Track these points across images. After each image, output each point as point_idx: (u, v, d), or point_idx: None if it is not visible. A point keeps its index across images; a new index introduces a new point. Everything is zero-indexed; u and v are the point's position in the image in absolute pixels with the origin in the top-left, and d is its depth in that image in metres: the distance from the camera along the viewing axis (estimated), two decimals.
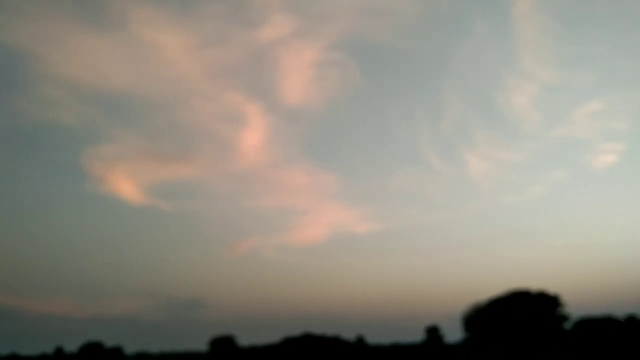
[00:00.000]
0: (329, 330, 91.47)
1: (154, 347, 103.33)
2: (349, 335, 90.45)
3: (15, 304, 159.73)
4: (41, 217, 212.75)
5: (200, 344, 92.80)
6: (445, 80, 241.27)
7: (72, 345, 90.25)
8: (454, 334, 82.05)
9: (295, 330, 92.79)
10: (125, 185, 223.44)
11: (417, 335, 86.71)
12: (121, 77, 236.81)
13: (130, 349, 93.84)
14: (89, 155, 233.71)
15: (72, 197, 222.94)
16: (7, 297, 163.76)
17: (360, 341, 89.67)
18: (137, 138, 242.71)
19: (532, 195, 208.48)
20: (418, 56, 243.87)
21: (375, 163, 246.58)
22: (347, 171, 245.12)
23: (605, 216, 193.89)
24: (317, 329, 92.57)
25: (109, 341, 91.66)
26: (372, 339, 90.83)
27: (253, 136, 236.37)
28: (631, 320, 68.17)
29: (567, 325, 68.93)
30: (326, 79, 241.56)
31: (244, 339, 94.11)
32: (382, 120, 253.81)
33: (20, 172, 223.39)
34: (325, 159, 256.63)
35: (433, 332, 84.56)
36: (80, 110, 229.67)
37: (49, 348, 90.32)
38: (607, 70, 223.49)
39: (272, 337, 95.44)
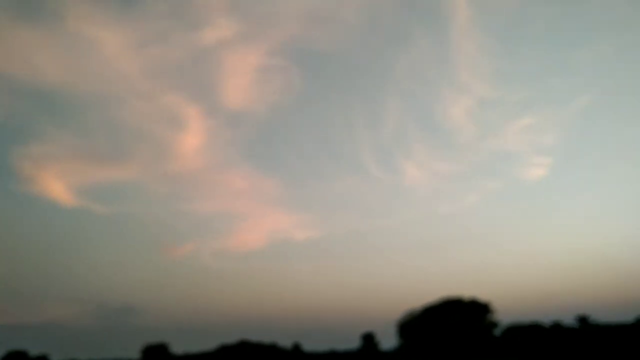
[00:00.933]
0: (266, 338, 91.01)
1: (83, 356, 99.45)
2: (286, 342, 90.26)
3: None
4: None
5: (132, 352, 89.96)
6: (386, 89, 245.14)
7: None
8: (389, 340, 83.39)
9: (232, 338, 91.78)
10: (56, 185, 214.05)
11: (353, 342, 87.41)
12: (55, 73, 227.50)
13: (56, 357, 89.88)
14: (18, 153, 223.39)
15: (3, 197, 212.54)
16: None
17: (296, 348, 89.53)
18: (70, 137, 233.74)
19: (466, 204, 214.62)
20: (360, 65, 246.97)
21: (316, 169, 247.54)
22: (288, 177, 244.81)
23: (535, 225, 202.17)
24: (254, 336, 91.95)
25: (34, 349, 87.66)
26: (308, 346, 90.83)
27: (192, 139, 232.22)
28: (556, 327, 71.23)
29: (497, 332, 71.35)
30: (268, 84, 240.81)
31: (178, 347, 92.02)
32: (323, 127, 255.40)
33: None
34: (265, 164, 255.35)
35: (368, 339, 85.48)
36: (9, 105, 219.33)
37: None
38: (538, 87, 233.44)
39: (208, 344, 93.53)
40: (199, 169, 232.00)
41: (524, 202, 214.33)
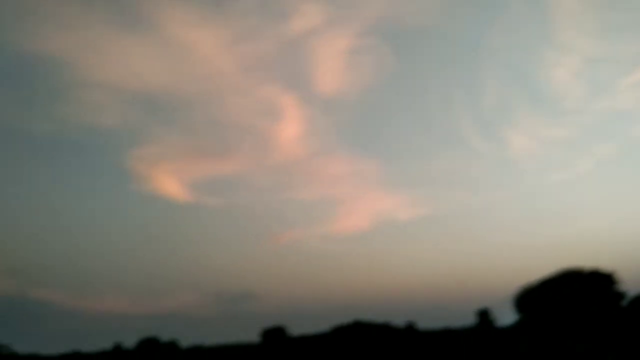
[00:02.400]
0: (379, 318, 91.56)
1: (208, 340, 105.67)
2: (399, 321, 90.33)
3: (75, 305, 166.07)
4: (90, 219, 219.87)
5: (252, 336, 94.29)
6: (482, 58, 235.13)
7: (129, 341, 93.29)
8: (505, 316, 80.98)
9: (345, 319, 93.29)
10: (170, 183, 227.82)
11: (468, 319, 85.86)
12: (157, 78, 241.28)
13: (184, 342, 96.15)
14: (133, 156, 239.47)
15: (119, 198, 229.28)
16: (67, 298, 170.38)
17: (410, 327, 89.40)
18: (177, 137, 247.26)
19: (579, 171, 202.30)
20: (453, 36, 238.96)
21: (415, 147, 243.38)
22: (387, 157, 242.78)
23: None
24: (367, 316, 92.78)
25: (164, 336, 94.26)
26: (422, 324, 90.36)
27: (290, 128, 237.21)
28: None
29: (624, 303, 67.03)
30: (361, 66, 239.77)
31: (295, 329, 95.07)
32: (420, 103, 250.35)
33: (67, 176, 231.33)
34: (364, 146, 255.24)
35: (484, 315, 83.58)
36: (121, 113, 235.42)
37: (108, 344, 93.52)
38: None
39: (322, 326, 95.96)
40: (299, 157, 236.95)
41: None
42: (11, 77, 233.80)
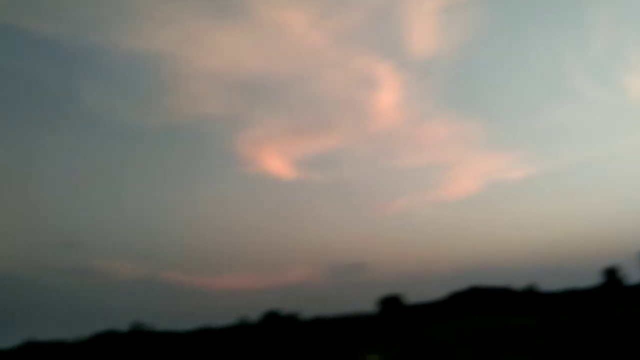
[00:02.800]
0: (497, 282, 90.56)
1: (327, 311, 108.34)
2: (519, 284, 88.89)
3: (200, 284, 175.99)
4: (205, 204, 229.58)
5: (368, 305, 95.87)
6: None
7: (253, 315, 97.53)
8: (635, 274, 77.99)
9: (461, 284, 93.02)
10: (275, 163, 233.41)
11: (593, 279, 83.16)
12: (254, 62, 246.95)
13: (305, 314, 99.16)
14: (238, 140, 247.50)
15: (230, 181, 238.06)
16: (194, 278, 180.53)
17: (530, 290, 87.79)
18: (278, 117, 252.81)
19: None
20: None
21: (521, 103, 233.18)
22: (492, 116, 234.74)
23: None
24: (484, 281, 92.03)
25: (286, 308, 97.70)
26: (543, 286, 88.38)
27: (388, 96, 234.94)
28: None
29: None
30: (455, 24, 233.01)
31: (411, 297, 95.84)
32: (521, 56, 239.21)
33: (179, 165, 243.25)
34: (465, 107, 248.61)
35: (611, 274, 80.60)
36: (224, 100, 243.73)
37: (234, 319, 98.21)
38: None
39: (438, 292, 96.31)
40: (400, 125, 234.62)
41: None
42: (122, 75, 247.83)
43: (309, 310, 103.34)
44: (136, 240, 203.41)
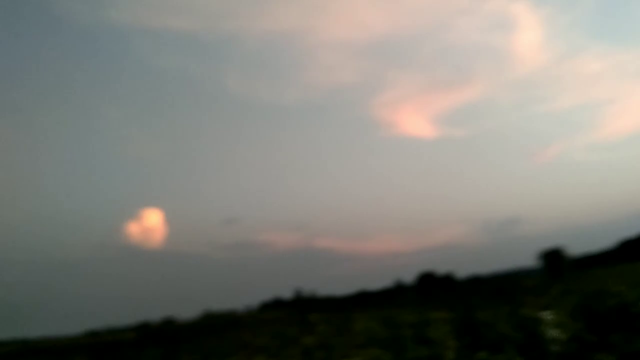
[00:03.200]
0: None
1: (483, 270, 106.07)
2: None
3: (355, 248, 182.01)
4: (350, 171, 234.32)
5: (527, 260, 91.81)
6: None
7: (408, 277, 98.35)
8: None
9: (630, 231, 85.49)
10: (414, 123, 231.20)
11: None
12: (382, 22, 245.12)
13: (460, 274, 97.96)
14: (375, 104, 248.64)
15: (371, 146, 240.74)
16: (347, 243, 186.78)
17: None
18: (413, 75, 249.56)
19: None
20: None
21: None
22: None
23: None
24: None
25: (440, 269, 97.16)
26: None
27: (528, 36, 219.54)
28: None
29: None
30: None
31: (574, 248, 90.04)
32: None
33: (320, 135, 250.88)
34: (616, 37, 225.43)
35: None
36: (357, 67, 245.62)
37: (389, 282, 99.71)
38: None
39: (603, 242, 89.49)
40: (544, 65, 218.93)
41: None
42: (259, 57, 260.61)
43: (464, 269, 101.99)
44: (290, 212, 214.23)
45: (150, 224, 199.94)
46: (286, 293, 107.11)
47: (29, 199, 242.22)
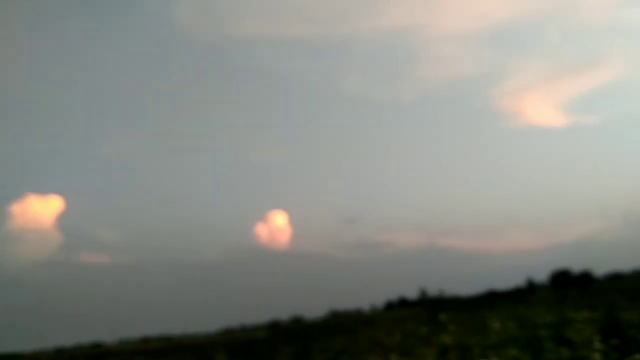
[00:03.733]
0: None
1: (624, 267, 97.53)
2: None
3: (481, 246, 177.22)
4: (472, 166, 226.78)
5: None
6: None
7: (540, 276, 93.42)
8: None
9: None
10: (541, 111, 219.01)
11: None
12: (500, 9, 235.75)
13: (598, 271, 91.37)
14: (496, 95, 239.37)
15: (495, 138, 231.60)
16: (473, 241, 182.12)
17: None
18: (537, 61, 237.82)
19: None
20: None
21: None
22: None
23: None
24: None
25: (575, 266, 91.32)
26: None
27: None
28: None
29: None
30: None
31: None
32: None
33: (439, 130, 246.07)
34: None
35: None
36: (475, 57, 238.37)
37: (519, 281, 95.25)
38: None
39: None
40: None
41: None
42: (373, 57, 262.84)
43: (603, 266, 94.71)
44: (411, 211, 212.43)
45: (277, 225, 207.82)
46: (411, 292, 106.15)
47: (173, 204, 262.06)
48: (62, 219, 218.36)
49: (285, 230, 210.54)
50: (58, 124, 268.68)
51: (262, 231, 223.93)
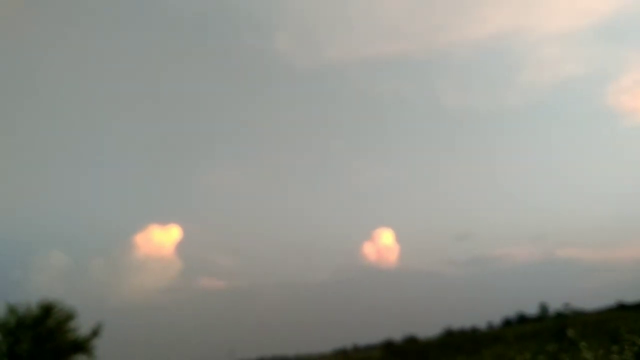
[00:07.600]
0: None
1: None
2: None
3: (604, 257, 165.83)
4: (592, 168, 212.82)
5: None
6: None
7: None
8: None
9: None
10: None
11: None
12: (605, 6, 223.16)
13: None
14: (611, 92, 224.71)
15: (611, 139, 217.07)
16: (595, 251, 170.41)
17: None
18: None
19: None
20: None
21: None
22: None
23: None
24: None
25: None
26: None
27: None
28: None
29: None
30: None
31: None
32: None
33: (548, 133, 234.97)
34: None
35: None
36: (583, 56, 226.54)
37: None
38: None
39: None
40: None
41: None
42: (472, 67, 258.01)
43: None
44: (525, 223, 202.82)
45: (384, 243, 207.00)
46: (530, 308, 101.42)
47: (281, 229, 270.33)
48: (181, 247, 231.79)
49: (393, 248, 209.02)
50: (170, 157, 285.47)
51: (369, 250, 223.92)
